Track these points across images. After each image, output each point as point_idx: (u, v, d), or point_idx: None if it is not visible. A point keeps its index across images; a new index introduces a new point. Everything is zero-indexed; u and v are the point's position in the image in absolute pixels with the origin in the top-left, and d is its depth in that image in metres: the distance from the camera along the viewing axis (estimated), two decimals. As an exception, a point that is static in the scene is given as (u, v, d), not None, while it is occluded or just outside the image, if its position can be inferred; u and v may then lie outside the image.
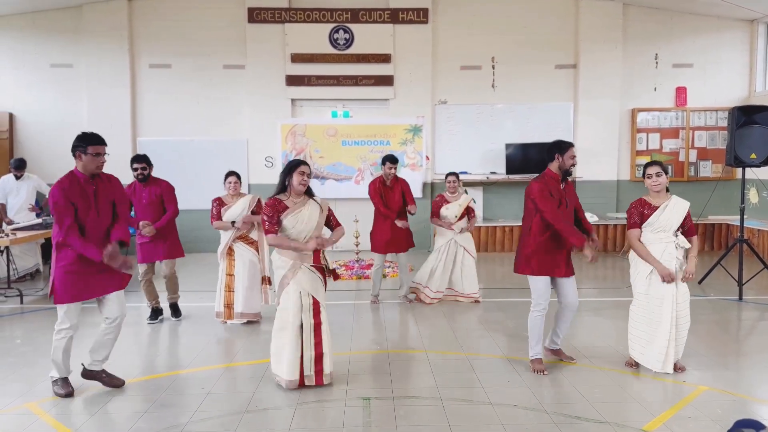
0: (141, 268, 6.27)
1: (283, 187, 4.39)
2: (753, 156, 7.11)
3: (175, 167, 10.23)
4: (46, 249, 9.20)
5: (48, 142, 10.81)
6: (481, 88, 11.15)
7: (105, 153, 4.32)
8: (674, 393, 4.25)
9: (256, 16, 10.76)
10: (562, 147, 4.67)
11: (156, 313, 6.37)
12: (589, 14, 10.96)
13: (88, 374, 4.45)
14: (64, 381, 4.32)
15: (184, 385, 4.50)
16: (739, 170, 7.65)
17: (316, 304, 4.36)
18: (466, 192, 7.66)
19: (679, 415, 3.87)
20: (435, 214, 7.07)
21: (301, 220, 4.32)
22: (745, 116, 7.20)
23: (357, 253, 9.66)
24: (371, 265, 9.24)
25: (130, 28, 10.77)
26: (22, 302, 7.13)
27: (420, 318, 6.40)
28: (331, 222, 4.58)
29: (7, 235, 7.14)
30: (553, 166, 4.69)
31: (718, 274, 7.91)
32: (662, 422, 3.75)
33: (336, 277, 4.64)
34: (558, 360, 4.94)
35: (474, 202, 7.38)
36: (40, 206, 8.73)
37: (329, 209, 4.54)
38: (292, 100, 11.04)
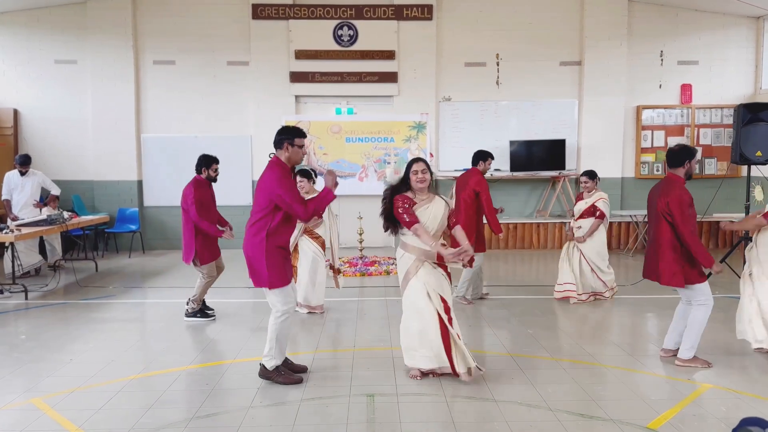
0: (211, 265, 6.22)
1: (405, 184, 4.44)
2: (758, 153, 7.09)
3: (179, 164, 10.25)
4: (61, 243, 9.25)
5: (52, 138, 10.85)
6: (486, 85, 11.13)
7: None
8: (679, 391, 4.24)
9: (260, 12, 10.75)
10: (692, 153, 4.61)
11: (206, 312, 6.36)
12: (594, 11, 10.93)
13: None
14: (284, 370, 4.37)
15: (189, 381, 4.51)
16: (745, 168, 7.63)
17: (445, 304, 4.37)
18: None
19: (684, 413, 3.86)
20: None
21: (428, 215, 4.38)
22: (750, 113, 7.17)
23: (361, 250, 9.65)
24: (375, 262, 9.24)
25: (135, 25, 10.78)
26: (26, 298, 7.15)
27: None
28: (450, 221, 4.50)
29: (12, 231, 7.15)
30: (680, 172, 4.61)
31: (723, 271, 7.89)
32: (667, 420, 3.74)
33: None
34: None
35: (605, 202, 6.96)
36: (44, 202, 8.75)
37: (450, 208, 4.52)
38: (296, 97, 11.04)
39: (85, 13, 10.70)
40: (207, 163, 6.17)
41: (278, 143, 4.33)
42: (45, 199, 8.84)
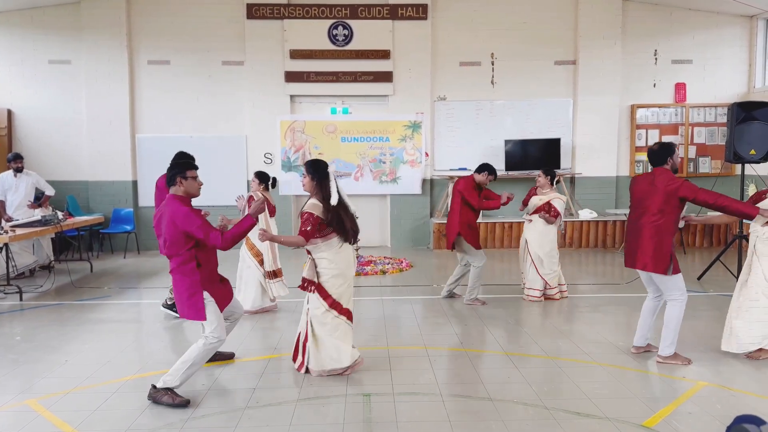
0: None
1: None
2: (752, 152, 7.12)
3: (174, 164, 10.21)
4: (55, 244, 9.23)
5: (47, 138, 10.81)
6: (481, 85, 11.15)
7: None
8: (674, 389, 4.26)
9: (255, 12, 10.73)
10: (671, 149, 4.71)
11: None
12: (588, 10, 10.95)
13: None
14: (174, 391, 4.08)
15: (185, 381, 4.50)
16: (739, 166, 7.66)
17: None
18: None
19: (679, 410, 3.88)
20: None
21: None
22: (744, 112, 7.20)
23: (356, 250, 9.62)
24: (371, 261, 9.25)
25: (129, 25, 10.75)
26: (21, 299, 7.13)
27: (419, 314, 6.41)
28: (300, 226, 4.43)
29: (6, 232, 7.12)
30: (666, 167, 4.71)
31: (717, 270, 7.93)
32: (662, 418, 3.76)
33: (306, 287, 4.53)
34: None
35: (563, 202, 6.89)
36: (39, 203, 8.71)
37: (302, 213, 4.42)
38: (291, 97, 11.03)
39: (79, 13, 10.66)
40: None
41: (171, 180, 4.17)
42: (40, 199, 8.79)
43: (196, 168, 4.30)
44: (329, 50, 10.86)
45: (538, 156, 10.86)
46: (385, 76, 10.93)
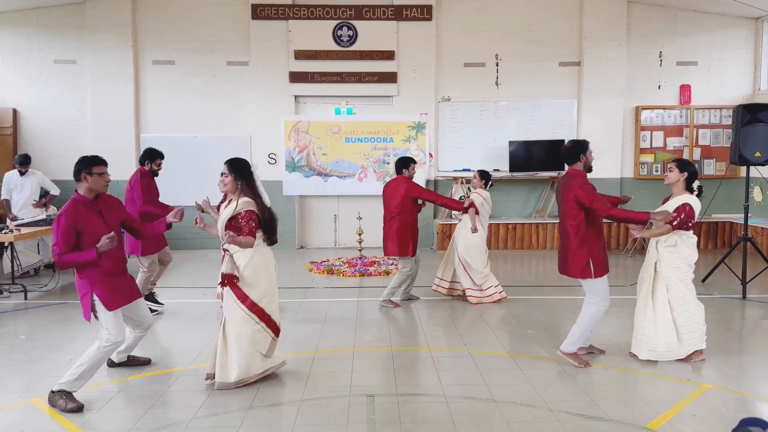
0: (153, 258, 6.44)
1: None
2: (757, 154, 7.09)
3: (178, 164, 10.23)
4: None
5: (52, 138, 10.84)
6: (485, 86, 11.14)
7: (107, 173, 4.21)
8: (678, 391, 4.25)
9: (259, 12, 10.75)
10: (583, 146, 4.76)
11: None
12: (593, 11, 10.93)
13: (113, 365, 4.75)
14: (70, 395, 4.00)
15: (188, 381, 4.51)
16: (743, 168, 7.64)
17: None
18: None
19: (684, 413, 3.87)
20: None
21: (221, 217, 4.44)
22: (749, 114, 7.17)
23: (360, 251, 9.64)
24: (374, 262, 9.25)
25: (134, 25, 10.77)
26: (26, 298, 7.15)
27: (423, 315, 6.41)
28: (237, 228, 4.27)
29: (11, 231, 7.14)
30: (579, 166, 4.74)
31: (722, 272, 7.90)
32: (666, 420, 3.75)
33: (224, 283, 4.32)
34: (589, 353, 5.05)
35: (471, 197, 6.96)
36: (44, 202, 8.74)
37: (239, 214, 4.28)
38: (296, 97, 11.04)
39: (85, 13, 10.69)
40: (152, 157, 6.50)
41: (76, 175, 4.08)
42: (45, 198, 8.81)
43: (105, 164, 4.18)
44: (334, 51, 10.87)
45: (542, 157, 10.84)
46: (390, 77, 10.93)
